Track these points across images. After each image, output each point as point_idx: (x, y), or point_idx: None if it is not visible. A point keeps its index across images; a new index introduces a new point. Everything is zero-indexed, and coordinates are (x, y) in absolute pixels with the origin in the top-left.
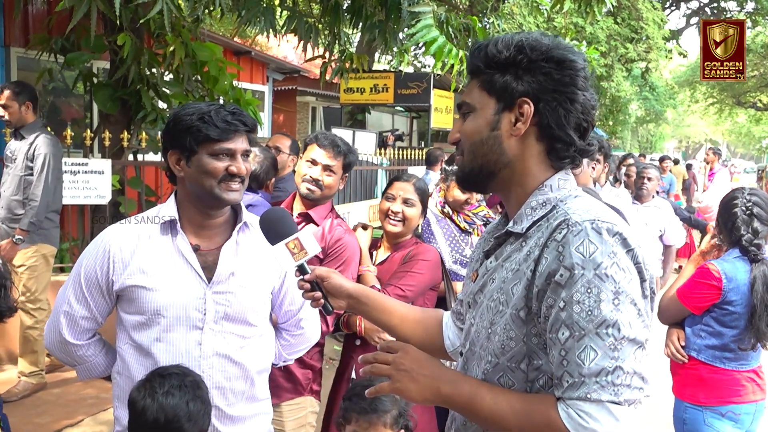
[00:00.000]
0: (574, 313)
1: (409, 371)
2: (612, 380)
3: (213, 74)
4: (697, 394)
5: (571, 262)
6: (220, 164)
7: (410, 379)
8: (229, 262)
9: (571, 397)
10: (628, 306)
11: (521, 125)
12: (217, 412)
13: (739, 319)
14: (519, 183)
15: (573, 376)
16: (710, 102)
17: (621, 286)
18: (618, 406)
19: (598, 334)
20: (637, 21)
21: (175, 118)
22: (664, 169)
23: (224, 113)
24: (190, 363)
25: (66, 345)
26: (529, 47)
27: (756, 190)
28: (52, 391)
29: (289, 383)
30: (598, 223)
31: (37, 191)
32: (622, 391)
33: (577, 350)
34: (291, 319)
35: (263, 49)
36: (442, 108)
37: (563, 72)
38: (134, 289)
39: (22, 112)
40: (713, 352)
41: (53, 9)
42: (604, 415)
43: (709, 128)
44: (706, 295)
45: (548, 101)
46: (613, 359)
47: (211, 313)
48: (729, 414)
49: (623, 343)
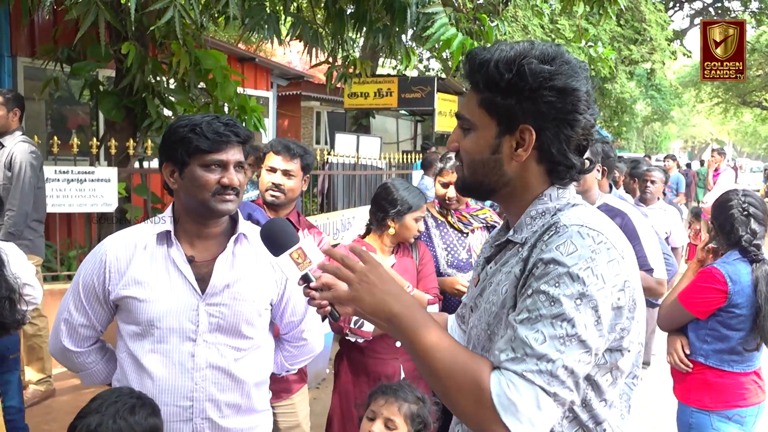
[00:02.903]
0: (538, 301)
1: (370, 284)
2: (550, 369)
3: (218, 81)
4: (703, 398)
5: (549, 257)
6: (212, 176)
7: (368, 292)
8: (224, 274)
9: (508, 368)
10: (588, 310)
11: (522, 152)
12: (210, 424)
13: (745, 321)
14: (519, 197)
15: (516, 352)
16: (715, 102)
17: (589, 290)
18: (545, 395)
19: (552, 324)
20: (640, 23)
21: (169, 130)
22: (669, 169)
23: (217, 124)
24: (183, 374)
25: (66, 352)
26: (531, 73)
27: (748, 191)
28: (61, 398)
29: (297, 375)
30: (586, 228)
31: (14, 200)
32: (554, 383)
33: (528, 331)
34: (293, 330)
35: (267, 55)
36: (446, 111)
37: (565, 100)
38: (129, 300)
39: (9, 118)
40: (721, 356)
41: (59, 19)
42: (530, 395)
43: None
44: (712, 299)
45: (550, 128)
46: (558, 351)
47: (204, 324)
48: (735, 417)
49: (572, 341)
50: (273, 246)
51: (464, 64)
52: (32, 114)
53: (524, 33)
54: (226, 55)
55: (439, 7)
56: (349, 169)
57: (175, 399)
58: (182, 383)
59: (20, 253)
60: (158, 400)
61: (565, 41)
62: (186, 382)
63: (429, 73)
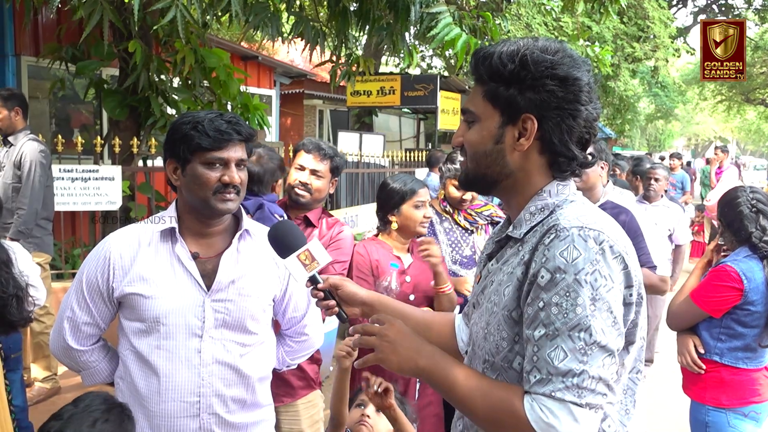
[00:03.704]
0: (552, 314)
1: (392, 343)
2: (577, 383)
3: (221, 80)
4: (719, 396)
5: (554, 265)
6: (213, 174)
7: (392, 351)
8: (229, 270)
9: (537, 392)
10: (603, 313)
11: (524, 141)
12: (217, 420)
13: (760, 318)
14: (520, 190)
15: (541, 373)
16: (719, 99)
17: (599, 293)
18: (579, 408)
19: (570, 336)
20: (643, 20)
21: (173, 126)
22: (674, 167)
23: (219, 122)
24: (190, 370)
25: (69, 350)
26: (533, 62)
27: (755, 188)
28: (66, 395)
29: (301, 380)
30: (585, 230)
31: (24, 199)
32: (586, 394)
33: (548, 348)
34: (295, 326)
35: (270, 53)
36: (448, 109)
37: (567, 89)
38: (134, 297)
39: (11, 118)
40: (735, 354)
41: (63, 18)
42: (564, 414)
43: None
44: (728, 297)
45: (551, 118)
46: (581, 363)
47: (210, 320)
48: (752, 414)
49: (593, 349)
50: (280, 248)
51: (470, 60)
52: (36, 113)
53: (527, 31)
54: (229, 54)
55: (443, 7)
56: (352, 167)
57: (182, 395)
58: (189, 379)
59: (26, 254)
60: (165, 396)
61: (567, 39)
62: (193, 377)
63: (432, 71)
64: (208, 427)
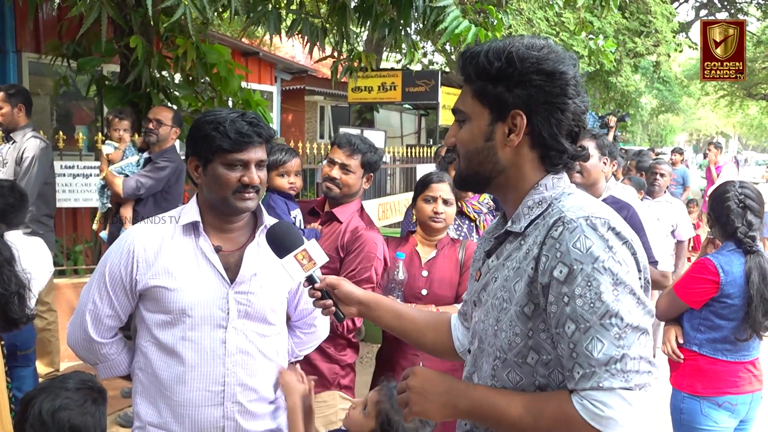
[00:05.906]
0: (578, 307)
1: (421, 392)
2: (621, 368)
3: (222, 76)
4: (695, 384)
5: (569, 258)
6: (234, 174)
7: (424, 400)
8: (252, 264)
9: (584, 388)
10: (627, 296)
11: (514, 137)
12: (240, 408)
13: (738, 311)
14: (514, 186)
15: (583, 368)
16: (721, 94)
17: (619, 278)
18: (629, 392)
19: (603, 325)
20: (645, 15)
21: (195, 124)
22: (675, 163)
23: (240, 123)
24: (215, 360)
25: (91, 343)
26: (519, 59)
27: (746, 183)
28: None
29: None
30: (592, 219)
31: None
32: (632, 376)
33: (584, 342)
34: (306, 317)
35: (271, 49)
36: (449, 105)
37: (554, 84)
38: (158, 290)
39: (15, 114)
40: (714, 345)
41: (64, 15)
42: (617, 401)
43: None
44: (704, 289)
45: (540, 112)
46: (619, 347)
47: (234, 312)
48: (726, 404)
49: (627, 331)
50: (278, 248)
51: (458, 60)
52: (38, 109)
53: (529, 26)
54: (230, 50)
55: (449, 0)
56: None
57: (207, 384)
58: (214, 369)
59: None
60: (191, 386)
61: (569, 35)
62: (218, 367)
63: (433, 67)
64: (231, 415)
